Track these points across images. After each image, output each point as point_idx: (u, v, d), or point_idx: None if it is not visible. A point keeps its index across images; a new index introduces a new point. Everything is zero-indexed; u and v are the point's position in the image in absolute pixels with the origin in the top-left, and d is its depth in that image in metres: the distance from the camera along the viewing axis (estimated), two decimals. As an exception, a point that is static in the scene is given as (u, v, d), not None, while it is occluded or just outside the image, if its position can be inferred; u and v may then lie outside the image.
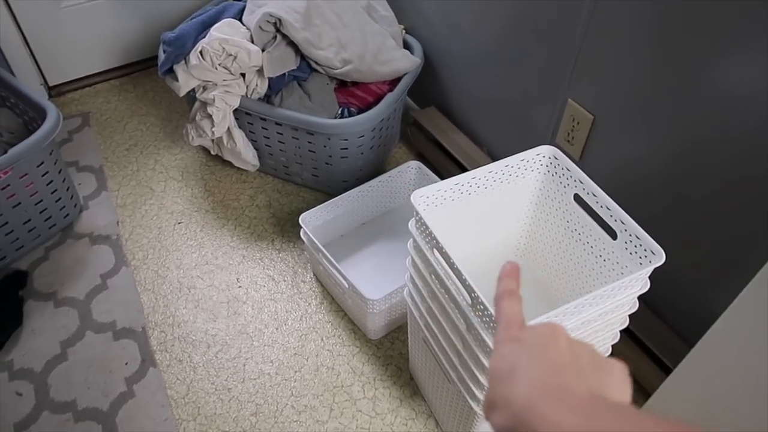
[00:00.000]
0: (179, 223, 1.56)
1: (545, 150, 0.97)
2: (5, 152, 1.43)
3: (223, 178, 1.67)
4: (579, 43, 1.13)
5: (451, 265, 0.81)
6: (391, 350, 1.31)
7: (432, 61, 1.62)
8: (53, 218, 1.46)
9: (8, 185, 1.31)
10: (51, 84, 1.92)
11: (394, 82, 1.53)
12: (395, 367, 1.28)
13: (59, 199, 1.45)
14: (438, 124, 1.63)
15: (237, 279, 1.44)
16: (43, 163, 1.36)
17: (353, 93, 1.52)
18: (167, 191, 1.64)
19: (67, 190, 1.48)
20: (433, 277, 0.89)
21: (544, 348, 0.36)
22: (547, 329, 0.37)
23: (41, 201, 1.40)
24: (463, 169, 1.53)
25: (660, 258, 0.81)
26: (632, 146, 1.11)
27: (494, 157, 1.53)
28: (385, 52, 1.49)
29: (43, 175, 1.37)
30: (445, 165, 1.60)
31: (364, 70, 1.46)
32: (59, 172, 1.43)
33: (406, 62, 1.51)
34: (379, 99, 1.50)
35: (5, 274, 1.41)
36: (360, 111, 1.50)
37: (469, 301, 0.79)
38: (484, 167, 0.94)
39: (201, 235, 1.53)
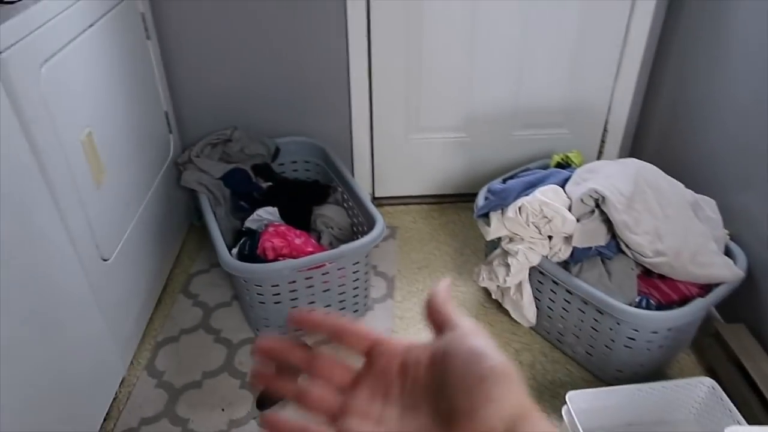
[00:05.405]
0: (444, 351, 1.62)
1: None
2: (330, 243, 1.69)
3: (495, 323, 1.71)
4: None
5: None
6: None
7: (754, 274, 1.48)
8: (346, 309, 1.66)
9: (327, 272, 1.53)
10: (375, 195, 2.24)
11: (704, 287, 1.43)
12: None
13: (356, 295, 1.65)
14: (745, 346, 1.45)
15: (482, 428, 1.42)
16: (358, 262, 1.57)
17: (657, 285, 1.45)
18: (441, 318, 1.73)
19: (365, 289, 1.67)
20: None
21: None
22: None
23: (344, 293, 1.61)
24: (765, 405, 1.31)
25: None
26: None
27: (813, 408, 1.28)
28: (704, 255, 1.41)
29: (354, 272, 1.58)
30: (742, 391, 1.40)
31: (677, 266, 1.39)
32: (365, 273, 1.63)
33: (726, 271, 1.40)
34: (683, 298, 1.41)
35: (294, 343, 1.63)
36: (659, 305, 1.42)
37: None
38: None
39: (460, 371, 1.57)
